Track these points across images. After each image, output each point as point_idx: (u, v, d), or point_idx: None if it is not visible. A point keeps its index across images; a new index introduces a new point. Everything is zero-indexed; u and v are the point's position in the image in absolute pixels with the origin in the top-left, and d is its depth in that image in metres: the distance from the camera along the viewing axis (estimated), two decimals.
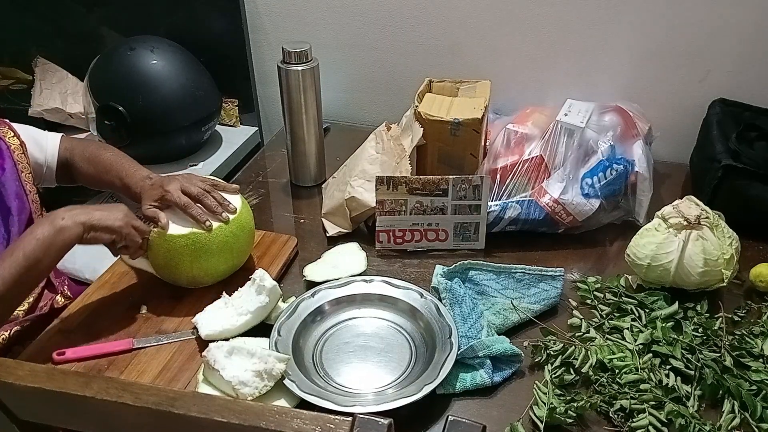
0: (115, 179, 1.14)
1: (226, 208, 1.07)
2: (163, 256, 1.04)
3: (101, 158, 1.17)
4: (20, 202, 1.07)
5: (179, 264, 1.04)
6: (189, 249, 1.03)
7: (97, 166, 1.17)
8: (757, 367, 0.93)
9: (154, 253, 1.04)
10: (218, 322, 0.99)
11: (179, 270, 1.05)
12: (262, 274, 1.02)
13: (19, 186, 1.08)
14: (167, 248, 1.03)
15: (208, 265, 1.06)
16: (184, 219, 1.05)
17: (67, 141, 1.19)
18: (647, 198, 1.23)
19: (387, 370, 0.96)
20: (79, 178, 1.19)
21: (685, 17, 1.35)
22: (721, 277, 1.03)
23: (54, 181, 1.19)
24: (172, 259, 1.04)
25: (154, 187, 1.08)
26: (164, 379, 0.94)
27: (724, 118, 1.33)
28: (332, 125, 1.65)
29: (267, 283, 1.01)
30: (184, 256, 1.03)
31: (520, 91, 1.46)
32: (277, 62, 1.31)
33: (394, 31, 1.55)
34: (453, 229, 1.20)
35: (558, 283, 1.08)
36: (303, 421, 0.61)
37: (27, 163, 1.11)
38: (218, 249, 1.05)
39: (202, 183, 1.10)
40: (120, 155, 1.18)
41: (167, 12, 1.64)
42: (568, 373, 0.93)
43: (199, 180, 1.11)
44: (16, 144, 1.10)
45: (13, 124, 1.12)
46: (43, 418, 0.72)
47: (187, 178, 1.11)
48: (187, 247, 1.03)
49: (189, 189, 1.07)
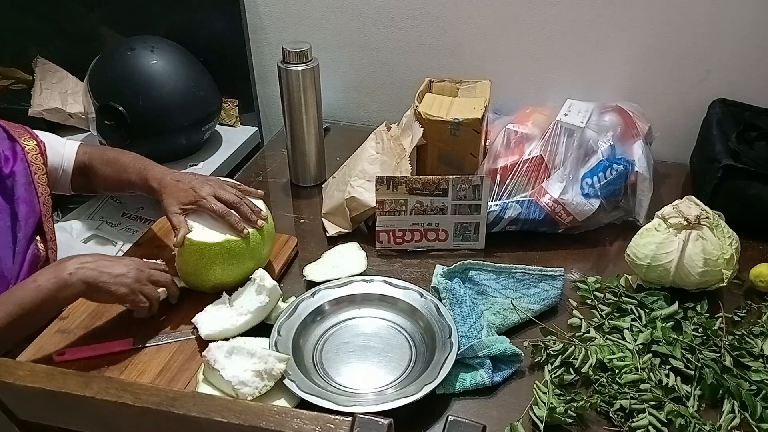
0: (132, 175, 1.13)
1: (259, 215, 1.07)
2: (194, 264, 1.03)
3: (120, 160, 1.16)
4: (29, 207, 1.07)
5: (210, 271, 1.04)
6: (222, 256, 1.03)
7: (115, 167, 1.16)
8: (757, 367, 0.93)
9: (185, 259, 1.03)
10: (218, 322, 0.99)
11: (208, 276, 1.04)
12: (262, 274, 1.02)
13: (31, 189, 1.08)
14: (200, 255, 1.02)
15: (237, 271, 1.05)
16: (217, 225, 1.04)
17: (85, 146, 1.19)
18: (647, 198, 1.23)
19: (387, 370, 0.96)
20: (97, 181, 1.18)
21: (685, 17, 1.36)
22: (721, 277, 1.03)
23: (69, 187, 1.18)
24: (203, 266, 1.03)
25: (183, 189, 1.06)
26: (164, 379, 0.94)
27: (724, 118, 1.33)
28: (332, 125, 1.65)
29: (267, 283, 1.01)
30: (217, 263, 1.03)
31: (520, 91, 1.46)
32: (277, 62, 1.31)
33: (394, 31, 1.55)
34: (453, 229, 1.20)
35: (558, 283, 1.08)
36: (303, 421, 0.61)
37: (42, 163, 1.10)
38: (249, 255, 1.05)
39: (233, 189, 1.09)
40: (139, 156, 1.18)
41: (167, 12, 1.64)
42: (568, 373, 0.93)
43: (227, 185, 1.10)
44: (31, 146, 1.09)
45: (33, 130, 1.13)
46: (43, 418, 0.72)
47: (218, 183, 1.09)
48: (220, 255, 1.02)
49: (223, 196, 1.06)
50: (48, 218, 1.11)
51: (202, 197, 1.05)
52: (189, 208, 1.06)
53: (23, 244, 1.05)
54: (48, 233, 1.11)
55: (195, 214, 1.06)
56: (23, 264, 1.05)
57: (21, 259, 1.05)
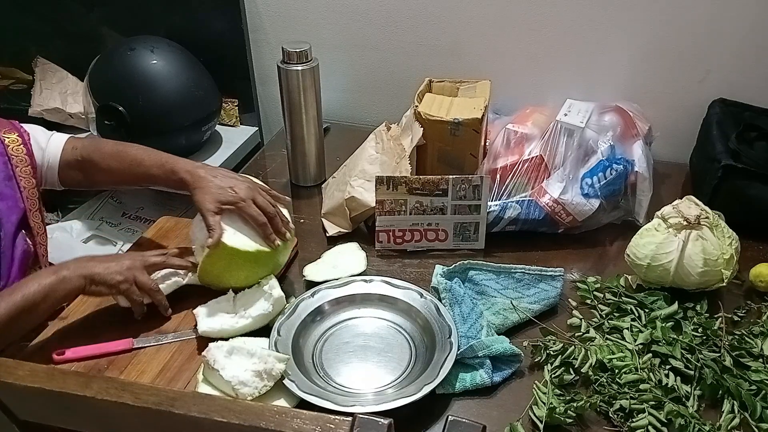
0: (152, 168, 1.09)
1: (287, 227, 1.07)
2: (221, 266, 1.02)
3: (128, 152, 1.12)
4: (10, 203, 1.05)
5: (234, 276, 1.04)
6: (250, 264, 1.03)
7: (124, 161, 1.12)
8: (757, 367, 0.93)
9: (213, 261, 1.01)
10: (217, 321, 1.00)
11: (230, 280, 1.04)
12: (272, 284, 1.02)
13: (11, 184, 1.05)
14: (229, 260, 1.02)
15: (256, 278, 1.05)
16: (248, 230, 1.03)
17: (75, 140, 1.15)
18: (647, 198, 1.23)
19: (387, 370, 0.96)
20: (99, 176, 1.14)
21: (685, 17, 1.36)
22: (720, 277, 1.03)
23: (58, 182, 1.15)
24: (229, 270, 1.03)
25: (221, 187, 1.04)
26: (164, 379, 0.94)
27: (724, 118, 1.33)
28: (332, 125, 1.65)
29: (275, 293, 1.00)
30: (243, 270, 1.03)
31: (520, 91, 1.46)
32: (277, 62, 1.31)
33: (395, 31, 1.55)
34: (453, 229, 1.20)
35: (558, 283, 1.08)
36: (303, 421, 0.61)
37: (26, 155, 1.07)
38: (272, 265, 1.06)
39: (267, 195, 1.07)
40: (148, 148, 1.14)
41: (167, 12, 1.64)
42: (567, 373, 0.93)
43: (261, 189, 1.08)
44: (12, 138, 1.07)
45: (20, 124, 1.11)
46: (43, 418, 0.72)
47: (255, 188, 1.07)
48: (248, 262, 1.03)
49: (260, 202, 1.04)
50: (34, 212, 1.08)
51: (242, 200, 1.03)
52: (227, 208, 1.03)
53: (7, 243, 1.03)
54: (35, 228, 1.09)
55: (228, 215, 1.04)
56: (13, 261, 1.04)
57: (9, 257, 1.03)
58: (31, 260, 1.09)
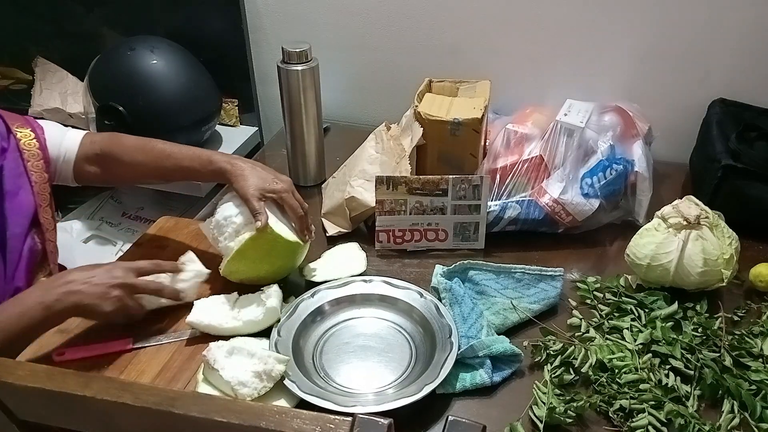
0: (185, 161, 1.09)
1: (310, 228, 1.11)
2: (263, 251, 1.02)
3: (154, 146, 1.11)
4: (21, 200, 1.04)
5: (272, 262, 1.05)
6: (287, 254, 1.06)
7: (150, 154, 1.11)
8: (757, 367, 0.93)
9: (257, 243, 1.01)
10: (210, 315, 1.00)
11: (265, 267, 1.05)
12: (270, 293, 1.02)
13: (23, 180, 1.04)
14: (272, 245, 1.02)
15: (283, 272, 1.08)
16: (284, 222, 1.05)
17: (93, 135, 1.14)
18: (647, 198, 1.23)
19: (387, 370, 0.96)
20: (121, 170, 1.12)
21: (684, 17, 1.36)
22: (720, 277, 1.03)
23: (72, 178, 1.13)
24: (270, 256, 1.04)
25: (263, 175, 1.05)
26: (164, 379, 0.94)
27: (724, 118, 1.33)
28: (332, 125, 1.65)
29: (269, 303, 1.00)
30: (280, 258, 1.05)
31: (520, 91, 1.46)
32: (277, 62, 1.32)
33: (394, 31, 1.55)
34: (453, 229, 1.20)
35: (558, 283, 1.08)
36: (303, 421, 0.61)
37: (38, 149, 1.06)
38: (296, 261, 1.09)
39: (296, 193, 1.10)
40: (172, 142, 1.13)
41: (167, 12, 1.64)
42: (567, 373, 0.93)
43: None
44: (24, 133, 1.06)
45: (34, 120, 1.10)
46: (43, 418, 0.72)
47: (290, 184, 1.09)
48: (287, 250, 1.05)
49: (299, 199, 1.08)
50: (45, 207, 1.07)
51: (286, 190, 1.05)
52: (270, 196, 1.04)
53: (14, 243, 1.02)
54: (45, 224, 1.07)
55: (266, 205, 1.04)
56: (19, 261, 1.03)
57: (16, 257, 1.02)
58: (38, 258, 1.07)
